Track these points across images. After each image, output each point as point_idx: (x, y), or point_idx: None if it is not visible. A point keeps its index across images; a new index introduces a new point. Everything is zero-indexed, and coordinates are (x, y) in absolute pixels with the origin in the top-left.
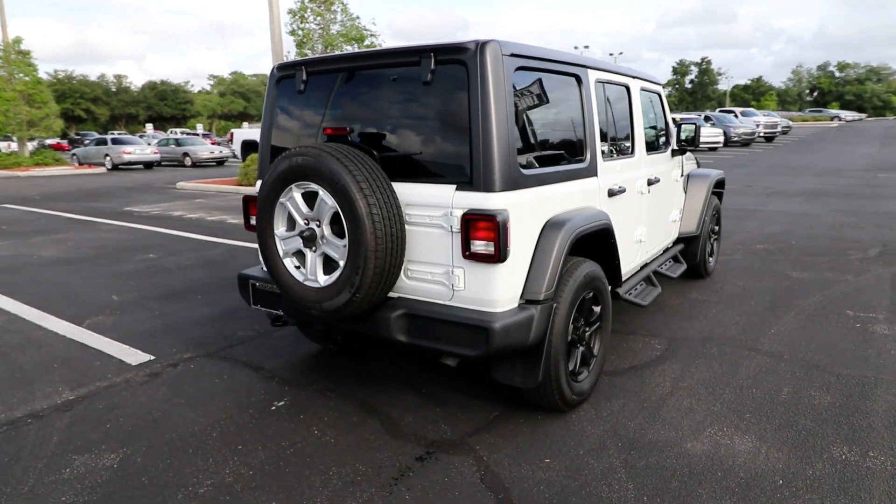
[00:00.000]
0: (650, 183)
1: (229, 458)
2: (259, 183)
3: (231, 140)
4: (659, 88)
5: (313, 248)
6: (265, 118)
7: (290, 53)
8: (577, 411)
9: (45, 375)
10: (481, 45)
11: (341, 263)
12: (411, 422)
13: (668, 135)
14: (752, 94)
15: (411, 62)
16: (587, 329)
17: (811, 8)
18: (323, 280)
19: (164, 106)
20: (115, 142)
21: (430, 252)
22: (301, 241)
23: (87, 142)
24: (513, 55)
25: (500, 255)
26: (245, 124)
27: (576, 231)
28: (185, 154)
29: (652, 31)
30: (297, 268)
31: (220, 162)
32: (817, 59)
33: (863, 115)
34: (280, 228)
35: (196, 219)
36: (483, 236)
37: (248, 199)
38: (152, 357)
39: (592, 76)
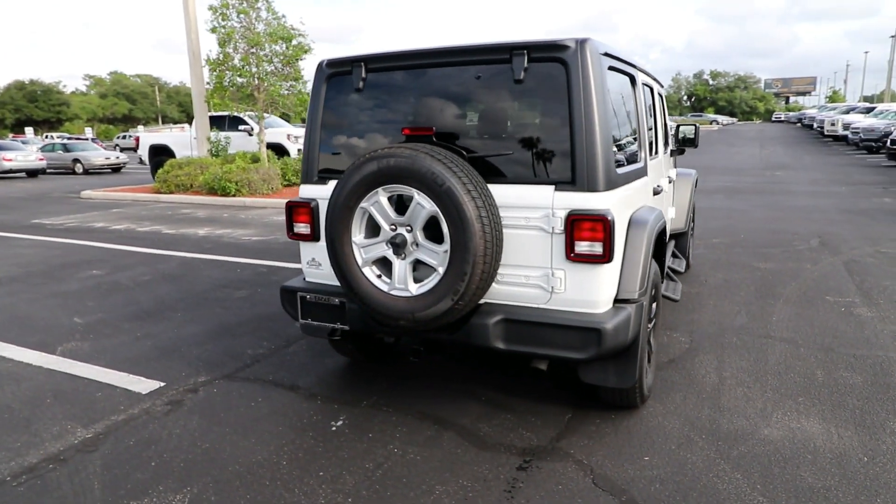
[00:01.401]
0: (669, 182)
1: (316, 486)
2: (305, 188)
3: (136, 145)
4: (662, 89)
5: (402, 256)
6: (312, 118)
7: (212, 52)
8: (646, 407)
9: (42, 413)
10: (581, 43)
11: (440, 270)
12: (490, 431)
13: (667, 135)
14: None
15: (499, 59)
16: (649, 326)
17: (682, 22)
18: (415, 288)
19: (35, 108)
20: None
21: (524, 255)
22: (388, 247)
23: None
24: (604, 54)
25: (608, 256)
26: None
27: (655, 230)
28: (76, 160)
29: None
30: (379, 277)
31: (115, 168)
32: (691, 68)
33: (734, 120)
34: (358, 235)
35: (125, 230)
36: (588, 237)
37: (293, 205)
38: (162, 383)
39: (640, 77)
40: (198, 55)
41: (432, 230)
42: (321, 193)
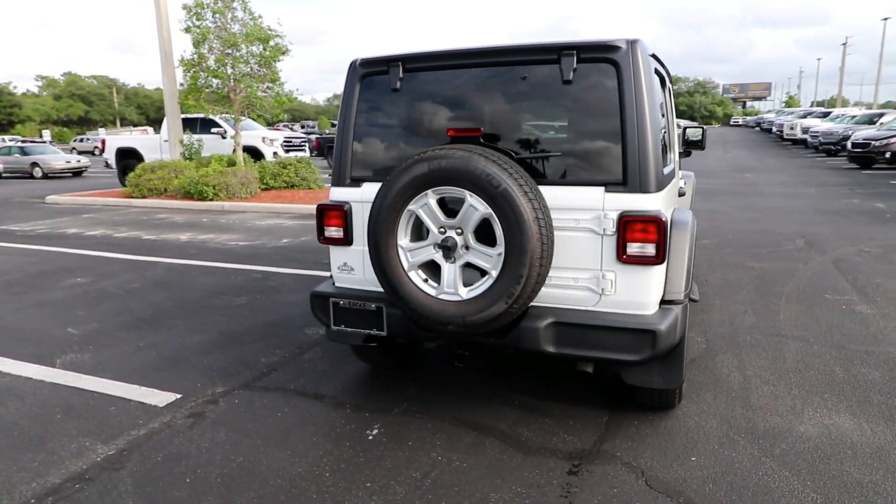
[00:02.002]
0: (684, 183)
1: (366, 498)
2: (337, 190)
3: (103, 148)
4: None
5: (452, 259)
6: (345, 118)
7: (186, 52)
8: (680, 408)
9: (54, 430)
10: (633, 44)
11: (493, 273)
12: (531, 436)
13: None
14: None
15: (547, 60)
16: None
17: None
18: (465, 292)
19: None
20: None
21: (573, 257)
22: (437, 251)
23: None
24: (651, 55)
25: (662, 257)
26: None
27: (694, 230)
28: (35, 164)
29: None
30: (425, 281)
31: (76, 173)
32: None
33: (694, 124)
34: (404, 239)
35: (102, 236)
36: (640, 238)
37: (324, 209)
38: (178, 395)
39: (667, 78)
40: (170, 55)
41: (482, 233)
42: (354, 196)
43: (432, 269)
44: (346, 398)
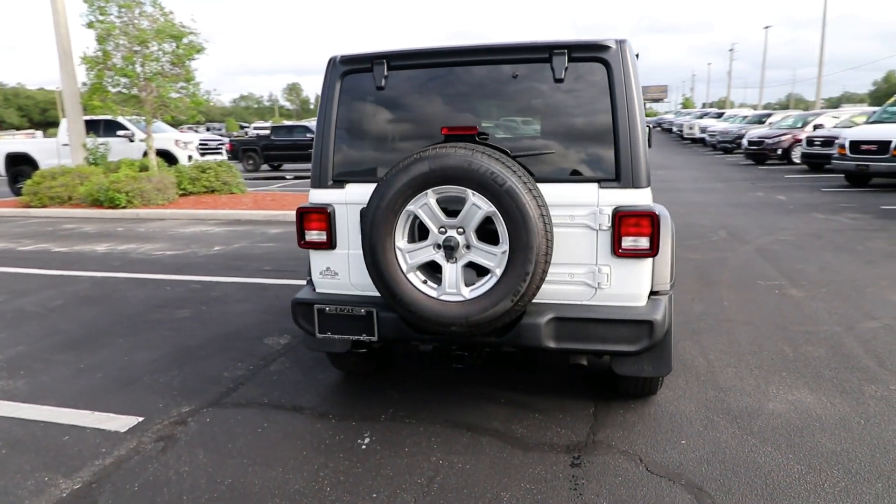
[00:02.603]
0: None
1: None
2: (318, 192)
3: None
4: None
5: (454, 259)
6: (325, 117)
7: (89, 49)
8: (658, 394)
9: (2, 467)
10: (621, 44)
11: (497, 272)
12: (525, 432)
13: None
14: None
15: (538, 59)
16: None
17: (546, 33)
18: (467, 292)
19: None
20: None
21: (569, 252)
22: (437, 251)
23: None
24: (636, 55)
25: (655, 250)
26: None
27: (672, 223)
28: None
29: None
30: (424, 282)
31: None
32: None
33: None
34: (402, 240)
35: (5, 250)
36: (634, 232)
37: (305, 211)
38: (139, 418)
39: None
40: (69, 52)
41: (482, 231)
42: (338, 198)
43: (430, 270)
44: (328, 408)
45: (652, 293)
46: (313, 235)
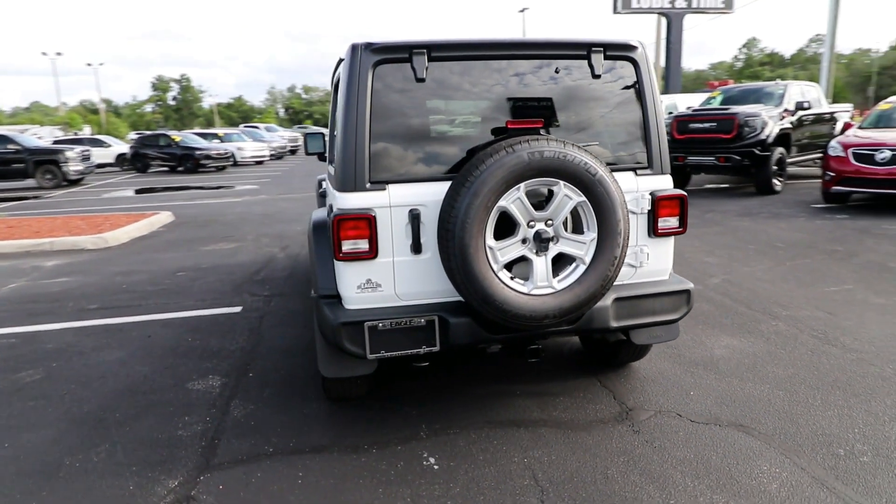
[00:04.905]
0: None
1: None
2: (354, 197)
3: None
4: None
5: (544, 252)
6: (356, 112)
7: None
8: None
9: None
10: (643, 45)
11: (586, 259)
12: (569, 417)
13: None
14: (237, 112)
15: (577, 55)
16: None
17: (261, 36)
18: (557, 283)
19: None
20: None
21: None
22: (527, 245)
23: None
24: None
25: (685, 228)
26: None
27: None
28: None
29: (118, 46)
30: (512, 279)
31: None
32: (271, 82)
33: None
34: (491, 239)
35: None
36: (668, 213)
37: (344, 219)
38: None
39: None
40: None
41: (568, 221)
42: (380, 201)
43: (517, 265)
44: (355, 440)
45: None
46: (354, 245)
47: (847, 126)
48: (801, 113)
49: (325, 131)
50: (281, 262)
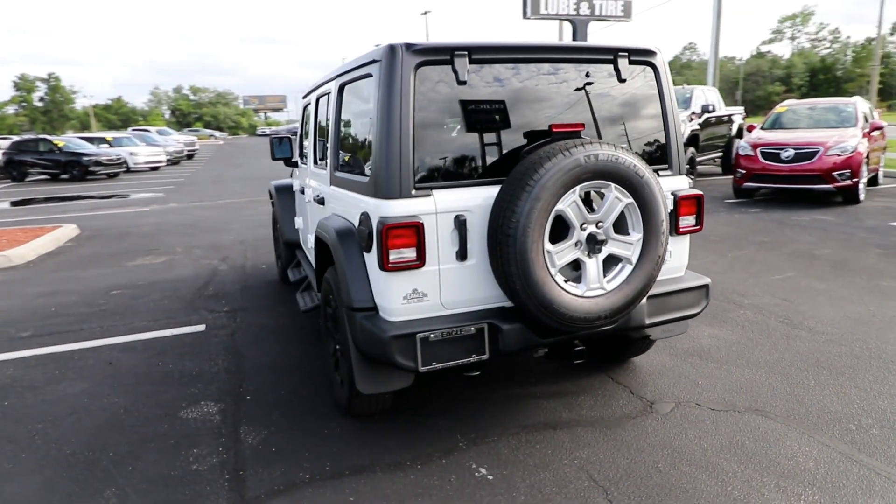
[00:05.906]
0: None
1: None
2: (399, 204)
3: None
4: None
5: (596, 254)
6: (399, 115)
7: None
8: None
9: None
10: (661, 51)
11: (633, 259)
12: (598, 415)
13: None
14: (117, 114)
15: (605, 59)
16: None
17: (140, 35)
18: (607, 284)
19: None
20: None
21: None
22: (580, 247)
23: None
24: None
25: (702, 226)
26: None
27: None
28: None
29: None
30: (566, 282)
31: None
32: (155, 82)
33: (226, 134)
34: (547, 242)
35: None
36: (687, 212)
37: (392, 227)
38: None
39: None
40: None
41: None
42: (426, 208)
43: (569, 268)
44: (394, 458)
45: None
46: (402, 255)
47: (751, 128)
48: (706, 115)
49: (293, 136)
50: (228, 275)
